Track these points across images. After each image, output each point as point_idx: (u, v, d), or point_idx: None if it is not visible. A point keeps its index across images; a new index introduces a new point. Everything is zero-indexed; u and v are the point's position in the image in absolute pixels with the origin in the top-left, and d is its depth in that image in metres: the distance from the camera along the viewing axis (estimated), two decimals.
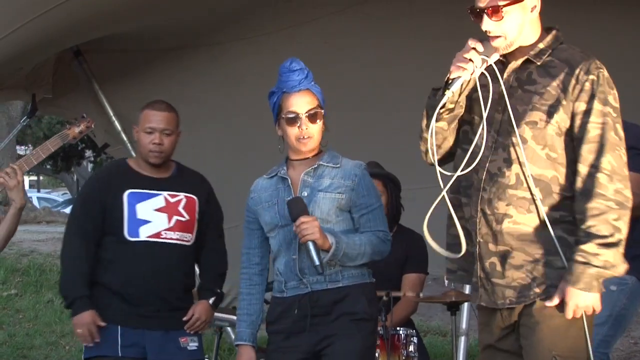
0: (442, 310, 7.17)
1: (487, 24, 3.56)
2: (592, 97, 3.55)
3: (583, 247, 3.48)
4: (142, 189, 4.80)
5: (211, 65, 6.77)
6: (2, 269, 11.58)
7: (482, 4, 3.56)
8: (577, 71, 3.57)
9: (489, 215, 3.63)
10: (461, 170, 3.61)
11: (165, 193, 4.81)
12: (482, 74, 3.60)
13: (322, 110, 4.23)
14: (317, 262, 3.99)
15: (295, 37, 6.53)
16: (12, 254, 12.05)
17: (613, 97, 3.58)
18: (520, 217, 3.58)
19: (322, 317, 4.17)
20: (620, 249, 3.49)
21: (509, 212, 3.59)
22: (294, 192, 4.22)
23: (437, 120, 3.62)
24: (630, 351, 9.40)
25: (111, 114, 6.83)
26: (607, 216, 3.48)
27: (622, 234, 3.49)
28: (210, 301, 4.92)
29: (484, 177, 3.64)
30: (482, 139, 3.61)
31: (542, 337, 3.59)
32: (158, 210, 4.78)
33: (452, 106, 3.65)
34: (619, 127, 3.57)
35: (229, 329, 6.67)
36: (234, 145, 7.07)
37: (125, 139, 6.92)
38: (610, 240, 3.48)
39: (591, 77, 3.56)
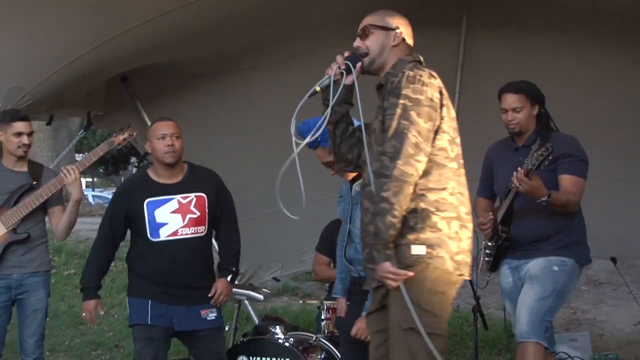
0: None
1: (356, 42, 3.64)
2: (390, 94, 3.43)
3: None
4: (158, 196, 4.79)
5: (233, 88, 6.77)
6: (64, 253, 11.57)
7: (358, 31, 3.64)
8: (390, 78, 3.50)
9: (363, 212, 3.57)
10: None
11: (177, 196, 4.80)
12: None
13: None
14: None
15: (305, 65, 6.54)
16: (72, 240, 12.03)
17: (412, 90, 3.39)
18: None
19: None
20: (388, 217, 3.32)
21: (367, 206, 3.49)
22: (349, 199, 4.32)
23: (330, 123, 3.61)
24: (570, 319, 9.41)
25: None
26: (381, 192, 3.34)
27: (394, 204, 3.31)
28: (228, 278, 4.93)
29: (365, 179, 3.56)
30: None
31: (392, 312, 3.45)
32: (173, 212, 4.78)
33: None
34: (413, 113, 3.37)
35: (246, 301, 6.67)
36: (249, 153, 7.06)
37: None
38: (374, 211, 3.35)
39: (394, 78, 3.47)
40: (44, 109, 5.97)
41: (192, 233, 4.79)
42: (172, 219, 4.76)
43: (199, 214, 4.81)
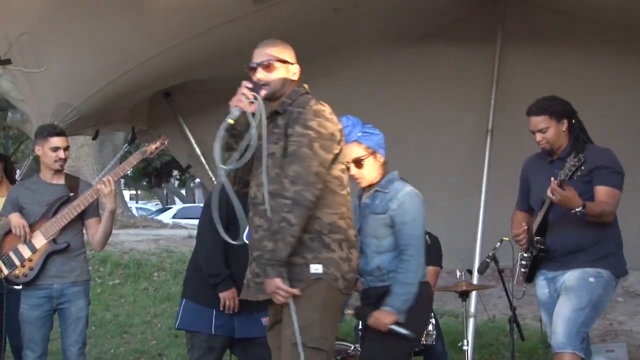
0: (455, 297, 7.15)
1: (259, 73, 3.73)
2: (296, 123, 3.61)
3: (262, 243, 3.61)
4: None
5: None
6: (109, 263, 11.68)
7: (257, 60, 3.76)
8: (295, 109, 3.67)
9: (253, 229, 3.71)
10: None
11: None
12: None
13: (368, 154, 4.24)
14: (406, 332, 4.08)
15: (341, 79, 6.58)
16: (116, 252, 12.14)
17: (317, 123, 3.61)
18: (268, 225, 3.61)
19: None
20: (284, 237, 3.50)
21: (260, 223, 3.66)
22: (359, 212, 4.29)
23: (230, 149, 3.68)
24: (606, 330, 9.31)
25: (193, 141, 6.88)
26: (282, 212, 3.51)
27: (294, 225, 3.49)
28: None
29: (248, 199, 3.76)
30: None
31: (285, 327, 3.60)
32: None
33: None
34: (316, 145, 3.59)
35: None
36: None
37: (204, 161, 6.97)
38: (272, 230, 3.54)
39: (299, 109, 3.65)
40: (90, 124, 6.05)
41: None
42: None
43: None
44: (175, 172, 31.56)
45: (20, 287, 5.12)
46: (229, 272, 4.66)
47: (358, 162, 4.24)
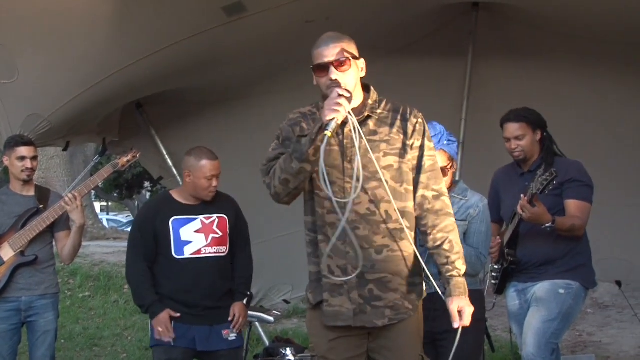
0: None
1: (333, 73, 3.32)
2: (423, 136, 3.43)
3: (456, 264, 3.40)
4: (183, 215, 4.77)
5: (245, 114, 6.78)
6: (79, 275, 11.57)
7: (328, 59, 3.34)
8: (407, 116, 3.43)
9: (368, 249, 3.33)
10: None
11: (201, 217, 4.77)
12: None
13: (450, 163, 4.33)
14: None
15: (316, 90, 6.55)
16: (86, 264, 12.04)
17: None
18: (395, 245, 3.36)
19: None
20: None
21: (386, 243, 3.36)
22: None
23: (310, 163, 3.26)
24: (575, 342, 9.33)
25: (164, 153, 6.84)
26: (456, 231, 3.46)
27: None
28: (244, 302, 4.92)
29: (352, 217, 3.29)
30: (357, 185, 3.24)
31: (406, 341, 3.43)
32: (197, 231, 4.75)
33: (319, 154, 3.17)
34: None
35: (257, 323, 6.65)
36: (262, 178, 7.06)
37: (175, 172, 6.92)
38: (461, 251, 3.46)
39: (416, 119, 3.43)
40: (60, 136, 6.00)
41: (214, 252, 4.77)
42: (196, 237, 4.75)
43: (221, 234, 4.81)
44: (146, 184, 31.40)
45: None
46: (156, 297, 4.69)
47: (443, 171, 4.12)
